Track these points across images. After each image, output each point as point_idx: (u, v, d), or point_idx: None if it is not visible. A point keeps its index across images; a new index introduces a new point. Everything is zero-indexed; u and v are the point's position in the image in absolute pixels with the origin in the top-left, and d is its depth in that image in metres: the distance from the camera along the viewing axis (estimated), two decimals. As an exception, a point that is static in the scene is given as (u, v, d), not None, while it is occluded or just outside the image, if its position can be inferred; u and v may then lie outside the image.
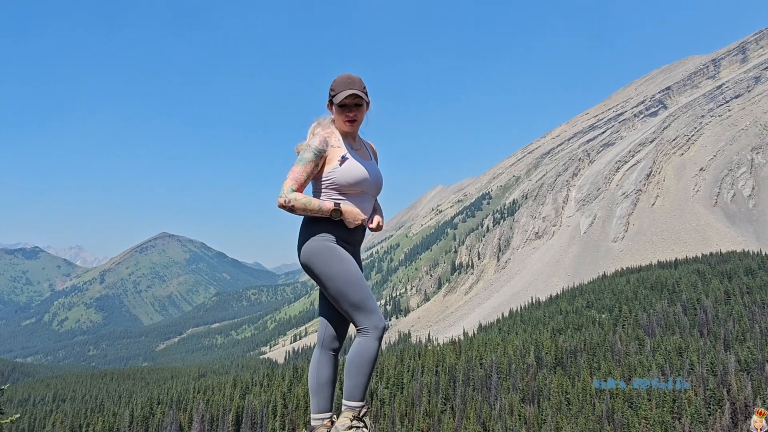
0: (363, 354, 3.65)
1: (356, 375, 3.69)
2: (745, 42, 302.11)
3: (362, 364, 3.66)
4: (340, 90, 3.75)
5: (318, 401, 3.91)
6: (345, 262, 3.70)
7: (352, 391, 3.74)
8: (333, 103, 3.83)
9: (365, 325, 3.66)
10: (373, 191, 3.93)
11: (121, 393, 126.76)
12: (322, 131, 3.83)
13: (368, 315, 3.67)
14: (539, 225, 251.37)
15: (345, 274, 3.67)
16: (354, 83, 3.76)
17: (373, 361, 3.69)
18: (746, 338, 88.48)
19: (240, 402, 78.49)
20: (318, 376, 3.91)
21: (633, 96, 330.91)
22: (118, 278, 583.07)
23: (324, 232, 3.72)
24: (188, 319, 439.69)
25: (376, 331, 3.66)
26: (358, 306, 3.67)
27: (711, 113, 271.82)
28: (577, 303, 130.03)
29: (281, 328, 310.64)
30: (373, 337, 3.65)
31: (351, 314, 3.71)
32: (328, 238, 3.72)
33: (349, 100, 3.78)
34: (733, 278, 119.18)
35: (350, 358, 3.75)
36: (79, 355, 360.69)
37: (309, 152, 3.66)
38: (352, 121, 3.82)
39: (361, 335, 3.68)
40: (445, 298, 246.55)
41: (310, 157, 3.66)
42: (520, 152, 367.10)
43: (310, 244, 3.72)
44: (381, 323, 3.68)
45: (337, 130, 3.90)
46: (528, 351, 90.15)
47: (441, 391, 78.76)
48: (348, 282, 3.66)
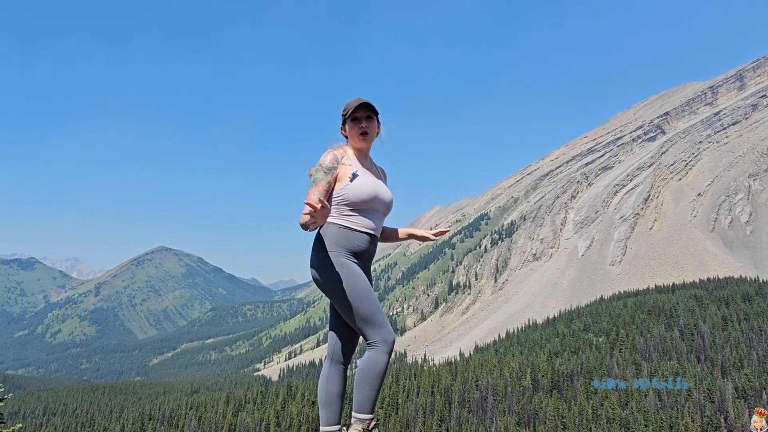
0: (372, 367, 3.74)
1: (366, 388, 3.78)
2: (742, 70, 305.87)
3: (372, 377, 3.76)
4: (352, 106, 3.97)
5: (327, 414, 3.97)
6: (356, 277, 3.79)
7: (361, 404, 3.82)
8: (346, 121, 4.03)
9: (375, 339, 3.75)
10: (384, 209, 4.05)
11: (113, 407, 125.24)
12: (334, 151, 3.96)
13: (378, 329, 3.76)
14: (537, 247, 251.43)
15: (356, 288, 3.76)
16: (363, 99, 3.99)
17: (382, 374, 3.78)
18: (743, 365, 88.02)
19: (233, 419, 77.58)
20: (327, 389, 3.98)
21: (632, 120, 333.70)
22: (114, 291, 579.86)
23: (336, 247, 3.82)
24: (183, 333, 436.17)
25: (385, 345, 3.75)
26: (368, 320, 3.76)
27: (709, 139, 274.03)
28: (575, 326, 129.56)
29: (276, 345, 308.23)
30: (382, 351, 3.75)
31: (361, 328, 3.79)
32: (340, 254, 3.81)
33: (360, 112, 3.98)
34: (731, 304, 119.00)
35: (360, 371, 3.85)
36: (71, 368, 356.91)
37: (320, 172, 3.79)
38: (364, 133, 3.99)
39: (371, 349, 3.78)
40: (442, 318, 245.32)
41: (321, 177, 3.78)
42: (518, 174, 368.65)
43: (322, 259, 3.82)
44: (390, 337, 3.79)
45: (349, 150, 4.06)
46: (524, 373, 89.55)
47: (436, 412, 78.02)
48: (358, 297, 3.75)
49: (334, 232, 3.84)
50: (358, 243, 3.86)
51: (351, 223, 3.87)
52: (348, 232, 3.84)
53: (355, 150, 4.07)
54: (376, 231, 3.98)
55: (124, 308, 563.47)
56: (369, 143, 4.06)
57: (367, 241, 3.92)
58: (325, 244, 3.83)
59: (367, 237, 3.92)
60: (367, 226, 3.92)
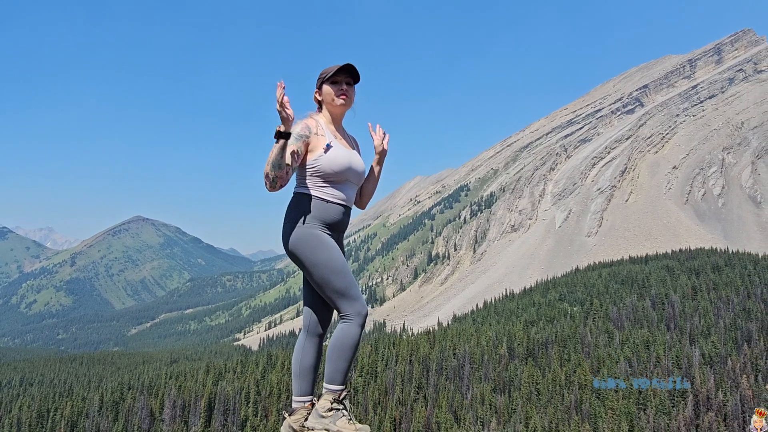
0: (345, 340, 3.74)
1: (337, 360, 3.79)
2: (721, 43, 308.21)
3: (344, 349, 3.75)
4: (334, 68, 3.83)
5: (300, 385, 4.01)
6: (330, 250, 3.75)
7: (332, 375, 3.84)
8: (323, 85, 3.90)
9: (348, 312, 3.74)
10: (357, 180, 4.00)
11: (91, 377, 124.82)
12: (306, 120, 3.85)
13: (351, 302, 3.74)
14: (515, 218, 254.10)
15: (329, 261, 3.72)
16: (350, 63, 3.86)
17: (354, 346, 3.77)
18: (711, 333, 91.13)
19: (213, 388, 77.97)
20: (301, 361, 3.99)
21: (611, 93, 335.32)
22: (90, 261, 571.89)
23: (309, 218, 3.77)
24: (161, 304, 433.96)
25: (358, 317, 3.74)
26: (341, 293, 3.73)
27: (686, 113, 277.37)
28: (550, 296, 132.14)
29: (256, 315, 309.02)
30: (355, 324, 3.74)
31: (334, 301, 3.77)
32: (313, 226, 3.76)
33: (341, 76, 3.86)
34: (701, 274, 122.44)
35: (332, 343, 3.84)
36: (48, 339, 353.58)
37: (290, 137, 3.63)
38: (343, 97, 3.88)
39: (343, 321, 3.77)
40: (421, 289, 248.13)
41: (292, 141, 3.65)
42: (499, 145, 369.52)
43: (295, 231, 3.77)
44: (364, 310, 3.77)
45: (322, 119, 3.95)
46: (501, 342, 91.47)
47: (414, 380, 79.48)
48: (332, 269, 3.72)
49: (307, 204, 3.78)
50: (332, 215, 3.82)
51: (325, 194, 3.81)
52: (322, 204, 3.79)
53: (328, 117, 3.98)
54: (349, 202, 3.94)
55: (101, 278, 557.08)
56: (345, 109, 3.97)
57: (341, 213, 3.88)
58: (299, 215, 3.78)
59: (341, 208, 3.88)
60: (341, 197, 3.88)
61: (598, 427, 64.23)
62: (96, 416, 75.86)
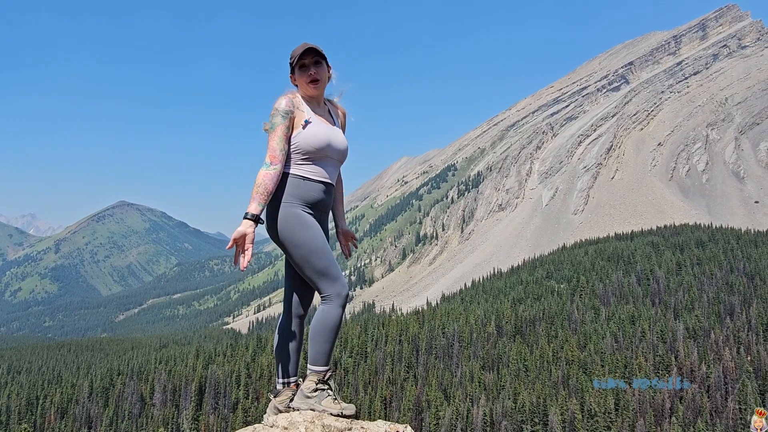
0: (326, 321, 3.68)
1: (320, 341, 3.72)
2: (705, 19, 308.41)
3: (326, 330, 3.69)
4: (297, 53, 3.74)
5: (283, 366, 3.95)
6: (310, 229, 3.68)
7: (316, 357, 3.77)
8: (294, 69, 3.82)
9: (329, 293, 3.66)
10: (338, 157, 3.89)
11: (80, 364, 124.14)
12: (288, 95, 3.78)
13: (332, 282, 3.67)
14: (503, 197, 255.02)
15: (310, 241, 3.64)
16: (309, 44, 3.76)
17: (336, 327, 3.71)
18: (694, 307, 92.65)
19: (203, 372, 77.94)
20: (284, 343, 3.94)
21: (597, 70, 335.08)
22: (75, 248, 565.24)
23: (289, 197, 3.68)
24: (149, 289, 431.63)
25: (339, 298, 3.67)
26: (322, 273, 3.66)
27: (670, 89, 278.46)
28: (538, 274, 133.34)
29: (244, 299, 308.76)
30: (336, 304, 3.67)
31: (315, 281, 3.70)
32: (294, 204, 3.68)
33: (308, 58, 3.76)
34: (685, 250, 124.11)
35: (314, 325, 3.77)
36: (34, 327, 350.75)
37: (278, 116, 3.63)
38: (315, 80, 3.78)
39: (324, 302, 3.70)
40: (409, 269, 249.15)
41: (279, 121, 3.62)
42: (485, 124, 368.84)
43: (275, 210, 3.68)
44: (344, 290, 3.69)
45: (300, 96, 3.86)
46: (489, 320, 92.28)
47: (404, 359, 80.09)
48: (313, 249, 3.64)
49: (287, 182, 3.68)
50: (312, 193, 3.73)
51: (305, 172, 3.72)
52: (302, 182, 3.70)
53: (307, 97, 3.87)
54: (330, 179, 3.84)
55: (87, 265, 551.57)
56: (320, 90, 3.86)
57: (322, 191, 3.79)
58: (279, 195, 3.67)
59: (322, 186, 3.79)
60: (322, 174, 3.78)
61: (585, 401, 65.35)
62: (86, 402, 75.63)
